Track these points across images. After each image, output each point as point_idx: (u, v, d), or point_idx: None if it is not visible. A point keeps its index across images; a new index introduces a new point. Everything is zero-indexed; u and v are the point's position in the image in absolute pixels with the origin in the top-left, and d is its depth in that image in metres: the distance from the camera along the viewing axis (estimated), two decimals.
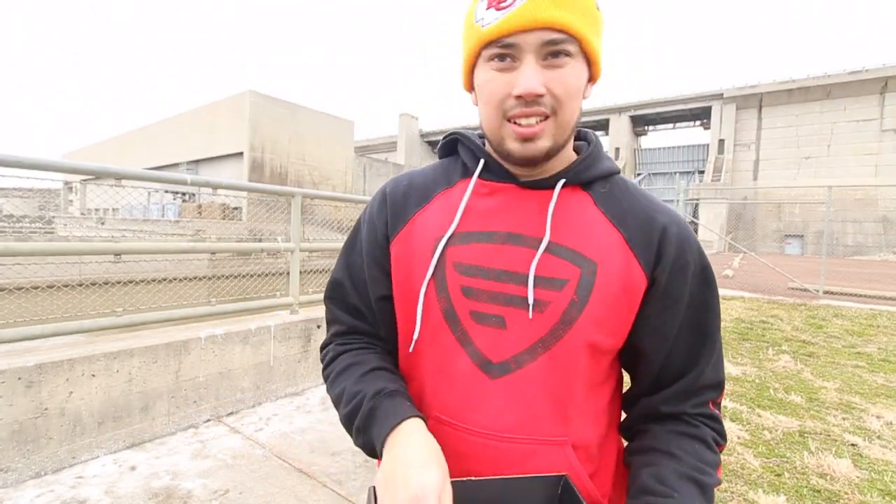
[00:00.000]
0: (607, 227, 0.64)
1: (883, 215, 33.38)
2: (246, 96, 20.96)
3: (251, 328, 3.05)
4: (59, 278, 2.78)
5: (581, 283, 0.60)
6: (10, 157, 2.12)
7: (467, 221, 0.66)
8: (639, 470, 0.63)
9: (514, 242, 0.63)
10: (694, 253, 0.64)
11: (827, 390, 3.57)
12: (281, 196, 3.94)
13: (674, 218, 0.65)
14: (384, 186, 0.76)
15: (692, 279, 0.64)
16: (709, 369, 0.65)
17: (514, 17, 0.55)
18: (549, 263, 0.61)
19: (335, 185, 24.29)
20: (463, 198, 0.67)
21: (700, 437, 0.63)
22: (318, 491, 2.11)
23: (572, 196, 0.65)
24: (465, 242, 0.65)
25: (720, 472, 0.63)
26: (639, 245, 0.63)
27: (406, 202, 0.72)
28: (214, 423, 2.74)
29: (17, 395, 2.03)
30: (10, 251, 2.20)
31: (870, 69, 34.33)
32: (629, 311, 0.63)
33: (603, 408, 0.67)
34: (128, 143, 30.62)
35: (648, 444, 0.66)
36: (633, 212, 0.65)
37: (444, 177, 0.73)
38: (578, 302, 0.60)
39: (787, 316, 6.72)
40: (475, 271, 0.63)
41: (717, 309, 0.66)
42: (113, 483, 2.07)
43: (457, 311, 0.64)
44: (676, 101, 43.29)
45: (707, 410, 0.66)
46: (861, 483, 2.26)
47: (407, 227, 0.70)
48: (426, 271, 0.65)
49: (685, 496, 0.57)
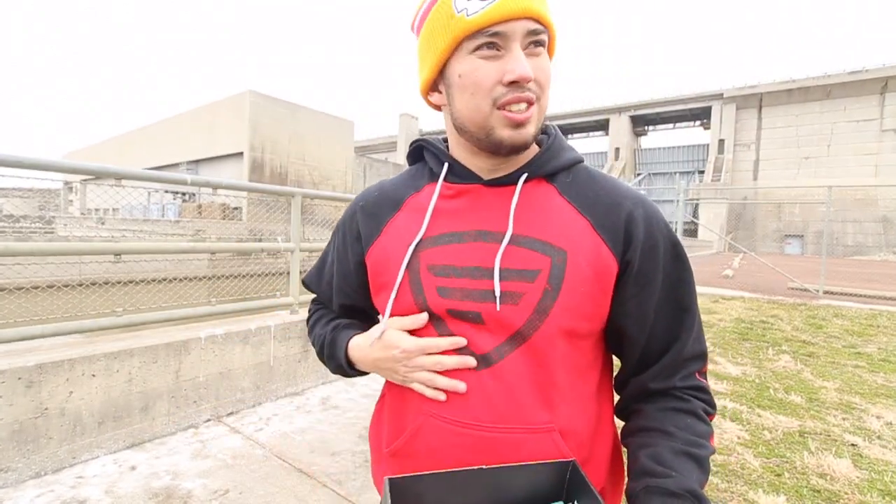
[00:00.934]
0: (574, 214, 0.65)
1: (883, 215, 33.39)
2: (246, 96, 20.95)
3: (251, 328, 3.05)
4: (59, 278, 2.78)
5: (552, 273, 0.62)
6: (10, 157, 2.12)
7: (437, 224, 0.68)
8: (636, 452, 0.65)
9: (483, 239, 0.65)
10: (662, 231, 0.66)
11: (827, 390, 3.57)
12: (281, 196, 3.94)
13: (639, 200, 0.66)
14: (356, 200, 0.80)
15: (664, 257, 0.65)
16: (690, 341, 0.67)
17: (503, 6, 0.57)
18: (519, 255, 0.63)
19: (335, 185, 24.28)
20: (430, 201, 0.69)
21: (691, 410, 0.65)
22: (318, 491, 2.11)
23: (537, 189, 0.67)
24: (437, 245, 0.67)
25: (713, 441, 0.65)
26: (607, 230, 0.64)
27: (378, 212, 0.74)
28: (214, 423, 2.74)
29: (17, 395, 2.03)
30: (10, 251, 2.20)
31: (870, 69, 34.34)
32: (603, 295, 0.64)
33: (590, 394, 0.68)
34: (128, 143, 30.60)
35: (642, 423, 0.67)
36: (599, 198, 0.66)
37: (412, 182, 0.75)
38: (552, 291, 0.61)
39: (787, 316, 6.73)
40: (449, 271, 0.65)
41: (691, 283, 0.68)
42: (113, 483, 2.07)
43: (435, 312, 0.65)
44: (676, 101, 43.31)
45: (695, 382, 0.67)
46: (861, 483, 2.26)
47: (381, 236, 0.72)
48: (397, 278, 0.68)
49: (683, 473, 0.59)
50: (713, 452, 0.64)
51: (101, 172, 2.54)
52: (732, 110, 39.82)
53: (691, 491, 0.58)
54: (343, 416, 2.93)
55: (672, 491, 0.58)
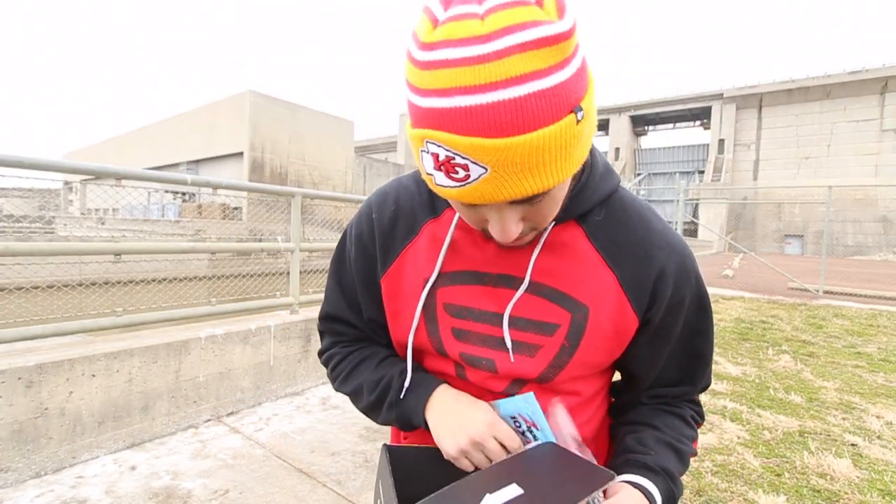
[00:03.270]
0: (600, 266, 0.60)
1: (883, 215, 33.38)
2: (246, 96, 20.94)
3: (251, 328, 3.05)
4: (59, 278, 2.78)
5: (572, 329, 0.60)
6: (10, 157, 2.12)
7: (455, 259, 0.64)
8: (623, 437, 0.69)
9: (504, 285, 0.62)
10: (691, 286, 0.63)
11: (827, 390, 3.57)
12: (281, 196, 3.94)
13: (674, 252, 0.61)
14: (370, 203, 0.71)
15: (687, 311, 0.65)
16: (699, 384, 0.71)
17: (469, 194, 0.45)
18: (538, 306, 0.60)
19: (335, 185, 24.27)
20: (448, 233, 0.63)
21: (681, 415, 0.70)
22: (318, 491, 2.11)
23: (564, 232, 0.61)
24: (455, 283, 0.64)
25: (696, 445, 0.70)
26: (632, 287, 0.60)
27: (394, 233, 0.68)
28: (214, 423, 2.74)
29: (17, 395, 2.03)
30: (10, 251, 2.20)
31: (870, 69, 34.33)
32: (619, 347, 0.64)
33: (595, 407, 0.72)
34: (128, 143, 30.58)
35: (632, 417, 0.71)
36: (630, 246, 0.61)
37: (429, 203, 0.67)
38: (569, 347, 0.61)
39: (787, 316, 6.72)
40: (466, 313, 0.63)
41: (710, 332, 0.68)
42: (113, 483, 2.07)
43: (448, 354, 0.65)
44: (676, 101, 43.29)
45: (689, 396, 0.72)
46: (861, 483, 2.26)
47: (397, 262, 0.67)
48: (414, 315, 0.65)
49: (661, 455, 0.63)
50: (694, 454, 0.68)
51: (101, 172, 2.54)
52: (732, 110, 39.81)
53: (666, 469, 0.61)
54: (343, 416, 2.93)
55: (649, 465, 0.61)
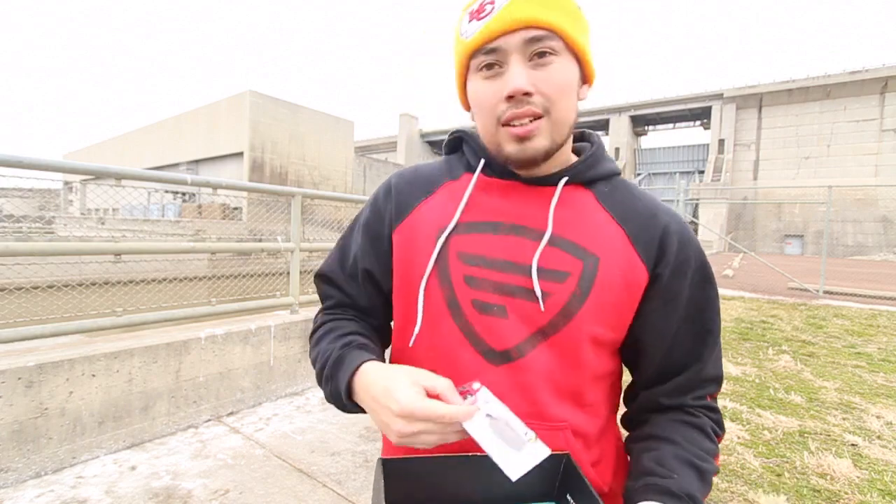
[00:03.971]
0: (610, 222, 0.65)
1: (883, 215, 33.37)
2: (246, 96, 20.94)
3: (251, 328, 3.05)
4: (59, 278, 2.78)
5: (583, 276, 0.61)
6: (10, 157, 2.12)
7: (471, 212, 0.67)
8: (639, 455, 0.64)
9: (517, 234, 0.64)
10: (695, 251, 0.66)
11: (827, 390, 3.57)
12: (281, 196, 3.94)
13: (675, 217, 0.67)
14: (390, 177, 0.77)
15: (692, 277, 0.65)
16: (709, 364, 0.67)
17: (494, 22, 0.57)
18: (552, 256, 0.62)
19: (335, 186, 24.27)
20: (467, 189, 0.68)
21: (700, 426, 0.65)
22: (318, 491, 2.11)
23: (575, 193, 0.66)
24: (469, 232, 0.66)
25: (718, 461, 0.64)
26: (641, 241, 0.64)
27: (411, 191, 0.72)
28: (214, 423, 2.74)
29: (17, 395, 2.03)
30: (10, 251, 2.20)
31: (870, 69, 34.33)
32: (629, 305, 0.63)
33: (603, 398, 0.68)
34: (128, 143, 30.58)
35: (648, 431, 0.67)
36: (636, 210, 0.66)
37: (448, 171, 0.74)
38: (580, 294, 0.61)
39: (787, 316, 6.72)
40: (478, 261, 0.64)
41: (717, 306, 0.67)
42: (113, 483, 2.07)
43: (459, 301, 0.64)
44: (676, 101, 43.29)
45: (706, 402, 0.67)
46: (861, 483, 2.26)
47: (411, 216, 0.71)
48: (428, 262, 0.66)
49: (684, 478, 0.58)
50: (716, 472, 0.63)
51: (101, 172, 2.54)
52: (732, 110, 39.80)
53: (691, 495, 0.57)
54: (343, 416, 2.93)
55: (672, 491, 0.57)
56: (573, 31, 0.59)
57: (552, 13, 0.57)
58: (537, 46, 0.57)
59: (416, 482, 0.59)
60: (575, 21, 0.59)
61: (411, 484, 0.59)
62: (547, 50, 0.58)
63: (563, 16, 0.58)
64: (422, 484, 0.59)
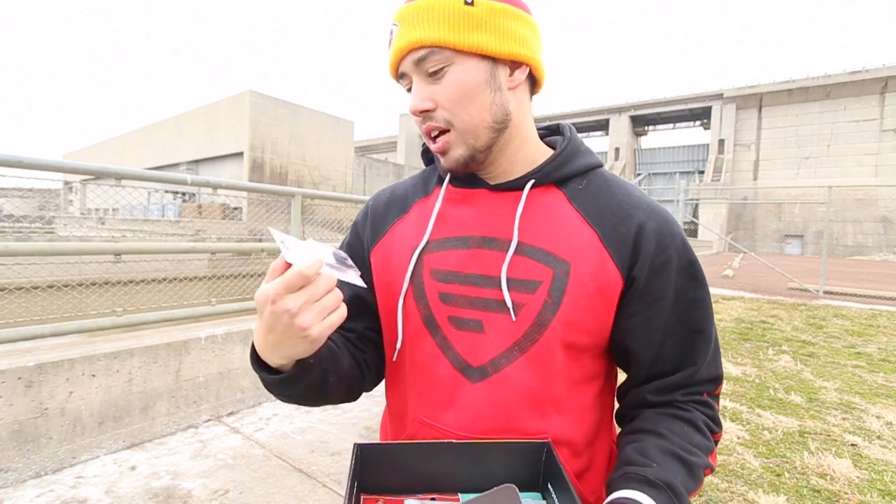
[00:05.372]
0: (581, 225, 0.63)
1: (883, 215, 33.39)
2: (246, 96, 20.93)
3: (251, 328, 3.05)
4: (59, 278, 2.78)
5: (554, 285, 0.60)
6: (10, 157, 2.12)
7: (442, 228, 0.67)
8: (623, 448, 0.62)
9: (487, 246, 0.64)
10: (677, 248, 0.62)
11: (827, 390, 3.57)
12: (281, 196, 3.94)
13: (653, 212, 0.63)
14: (368, 200, 0.80)
15: (677, 276, 0.62)
16: (704, 365, 0.64)
17: (392, 52, 0.62)
18: (521, 265, 0.61)
19: (335, 186, 24.27)
20: (436, 205, 0.69)
21: (690, 420, 0.62)
22: (318, 491, 2.11)
23: (545, 195, 0.65)
24: (441, 249, 0.66)
25: (714, 459, 0.61)
26: (613, 243, 0.61)
27: (386, 213, 0.75)
28: (214, 423, 2.74)
29: (17, 395, 2.03)
30: (10, 251, 2.20)
31: (870, 69, 34.35)
32: (605, 310, 0.61)
33: (588, 405, 0.66)
34: (128, 143, 30.56)
35: (636, 425, 0.65)
36: (610, 208, 0.63)
37: (423, 186, 0.75)
38: (552, 303, 0.60)
39: (787, 316, 6.73)
40: (452, 277, 0.64)
41: (707, 304, 0.64)
42: (113, 483, 2.07)
43: (436, 318, 0.64)
44: (676, 101, 43.31)
45: (699, 398, 0.65)
46: (861, 483, 2.26)
47: (385, 237, 0.73)
48: (403, 282, 0.67)
49: (665, 468, 0.55)
50: (711, 469, 0.60)
51: (101, 172, 2.54)
52: (732, 110, 39.82)
53: (669, 484, 0.54)
54: (343, 416, 2.93)
55: (649, 479, 0.54)
56: (458, 36, 0.57)
57: (429, 29, 0.57)
58: (425, 65, 0.59)
59: (394, 469, 0.59)
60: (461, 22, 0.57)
61: (388, 470, 0.59)
62: (435, 66, 0.59)
63: (442, 27, 0.57)
64: (399, 470, 0.59)
